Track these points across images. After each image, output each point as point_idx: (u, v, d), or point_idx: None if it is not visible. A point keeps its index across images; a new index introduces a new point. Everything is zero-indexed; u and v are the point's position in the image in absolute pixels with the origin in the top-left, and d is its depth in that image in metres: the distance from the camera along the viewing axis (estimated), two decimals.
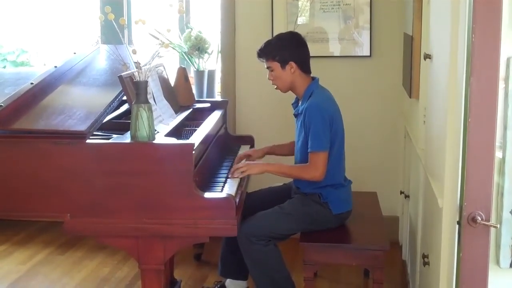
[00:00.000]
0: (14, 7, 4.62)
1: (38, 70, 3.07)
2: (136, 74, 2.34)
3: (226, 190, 2.56)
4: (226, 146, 3.34)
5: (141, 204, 2.30)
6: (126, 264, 3.64)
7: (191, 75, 3.88)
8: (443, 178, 1.85)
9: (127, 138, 2.39)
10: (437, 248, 2.02)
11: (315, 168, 2.71)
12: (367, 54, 3.82)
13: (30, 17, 4.62)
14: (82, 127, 2.35)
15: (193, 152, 2.30)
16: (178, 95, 3.24)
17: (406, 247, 3.51)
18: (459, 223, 1.68)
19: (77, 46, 3.91)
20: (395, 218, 3.87)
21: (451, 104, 1.80)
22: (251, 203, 2.83)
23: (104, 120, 2.60)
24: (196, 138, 2.63)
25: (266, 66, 2.85)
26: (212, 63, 4.02)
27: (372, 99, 3.89)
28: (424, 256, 2.34)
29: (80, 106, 2.59)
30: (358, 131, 3.84)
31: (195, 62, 3.91)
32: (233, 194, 2.44)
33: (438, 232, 1.96)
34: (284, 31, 3.06)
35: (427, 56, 2.39)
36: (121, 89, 2.60)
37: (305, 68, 2.84)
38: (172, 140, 2.40)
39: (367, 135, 3.92)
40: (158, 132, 2.51)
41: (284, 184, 3.09)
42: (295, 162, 2.92)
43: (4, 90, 2.63)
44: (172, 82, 3.27)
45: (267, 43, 2.87)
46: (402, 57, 3.61)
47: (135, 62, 2.36)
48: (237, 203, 2.39)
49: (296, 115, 2.89)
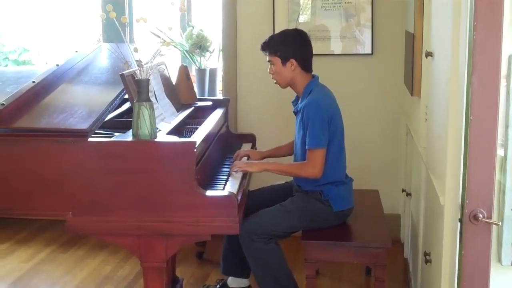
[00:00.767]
0: (16, 6, 4.63)
1: (39, 68, 3.07)
2: (137, 72, 2.34)
3: (228, 188, 2.56)
4: (228, 145, 3.34)
5: (143, 202, 2.30)
6: (128, 263, 3.65)
7: (193, 73, 3.88)
8: (445, 176, 1.85)
9: (129, 137, 2.39)
10: (438, 246, 2.02)
11: (313, 165, 2.71)
12: (369, 52, 3.82)
13: (32, 16, 4.63)
14: (84, 126, 2.35)
15: (195, 150, 2.30)
16: (180, 93, 3.24)
17: (407, 245, 3.51)
18: (460, 220, 1.68)
19: (78, 44, 3.91)
20: (397, 216, 3.87)
21: (453, 102, 1.80)
22: (253, 201, 2.83)
23: (106, 119, 2.60)
24: (198, 136, 2.63)
25: (267, 60, 2.85)
26: (213, 61, 4.02)
27: (373, 97, 3.89)
28: (425, 254, 2.34)
29: (82, 104, 2.59)
30: (359, 129, 3.84)
31: (197, 60, 3.91)
32: (235, 192, 2.44)
33: (440, 230, 1.96)
34: (287, 29, 3.06)
35: (429, 54, 2.38)
36: (122, 87, 2.60)
37: (306, 66, 2.84)
38: (174, 139, 2.40)
39: (368, 133, 3.91)
40: (160, 130, 2.51)
41: (285, 182, 3.09)
42: (295, 160, 2.93)
43: (6, 88, 2.64)
44: (173, 80, 3.27)
45: (271, 37, 2.88)
46: (403, 55, 3.61)
47: (137, 61, 2.36)
48: (239, 201, 2.39)
49: (295, 113, 2.90)
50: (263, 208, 2.79)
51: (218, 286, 3.14)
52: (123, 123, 2.80)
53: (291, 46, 2.80)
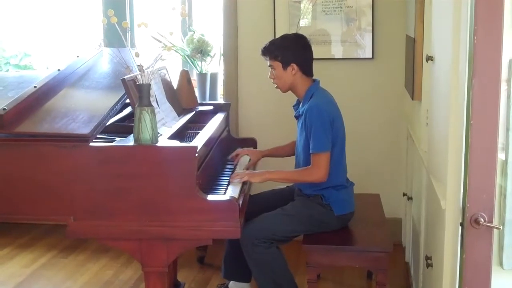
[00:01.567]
0: (17, 11, 4.64)
1: (41, 73, 3.07)
2: (139, 77, 2.35)
3: (229, 192, 2.56)
4: (229, 149, 3.34)
5: (144, 207, 2.30)
6: (130, 267, 3.64)
7: (194, 78, 3.89)
8: (446, 180, 1.85)
9: (130, 141, 2.40)
10: (440, 249, 2.02)
11: (318, 169, 2.71)
12: (370, 56, 3.82)
13: (33, 20, 4.63)
14: (86, 130, 2.36)
15: (196, 155, 2.30)
16: (181, 98, 3.24)
17: (409, 249, 3.51)
18: (462, 224, 1.68)
19: (80, 49, 3.92)
20: (398, 220, 3.86)
21: (454, 106, 1.80)
22: (254, 206, 2.83)
23: (107, 123, 2.60)
24: (199, 140, 2.64)
25: (268, 64, 2.86)
26: (214, 65, 4.02)
27: (374, 101, 3.89)
28: (427, 258, 2.34)
29: (83, 109, 2.59)
30: (360, 133, 3.84)
31: (198, 65, 3.92)
32: (236, 196, 2.44)
33: (441, 233, 1.96)
34: (287, 33, 3.06)
35: (429, 58, 2.39)
36: (124, 92, 2.61)
37: (306, 71, 2.84)
38: (175, 143, 2.41)
39: (369, 137, 3.92)
40: (161, 135, 2.52)
41: (287, 187, 3.09)
42: (297, 164, 2.93)
43: (8, 93, 2.65)
44: (174, 85, 3.28)
45: (272, 42, 2.88)
46: (404, 59, 3.62)
47: (138, 65, 2.36)
48: (240, 205, 2.39)
49: (297, 117, 2.90)
50: (264, 213, 2.79)
51: None
52: (125, 127, 2.81)
53: (292, 51, 2.81)
